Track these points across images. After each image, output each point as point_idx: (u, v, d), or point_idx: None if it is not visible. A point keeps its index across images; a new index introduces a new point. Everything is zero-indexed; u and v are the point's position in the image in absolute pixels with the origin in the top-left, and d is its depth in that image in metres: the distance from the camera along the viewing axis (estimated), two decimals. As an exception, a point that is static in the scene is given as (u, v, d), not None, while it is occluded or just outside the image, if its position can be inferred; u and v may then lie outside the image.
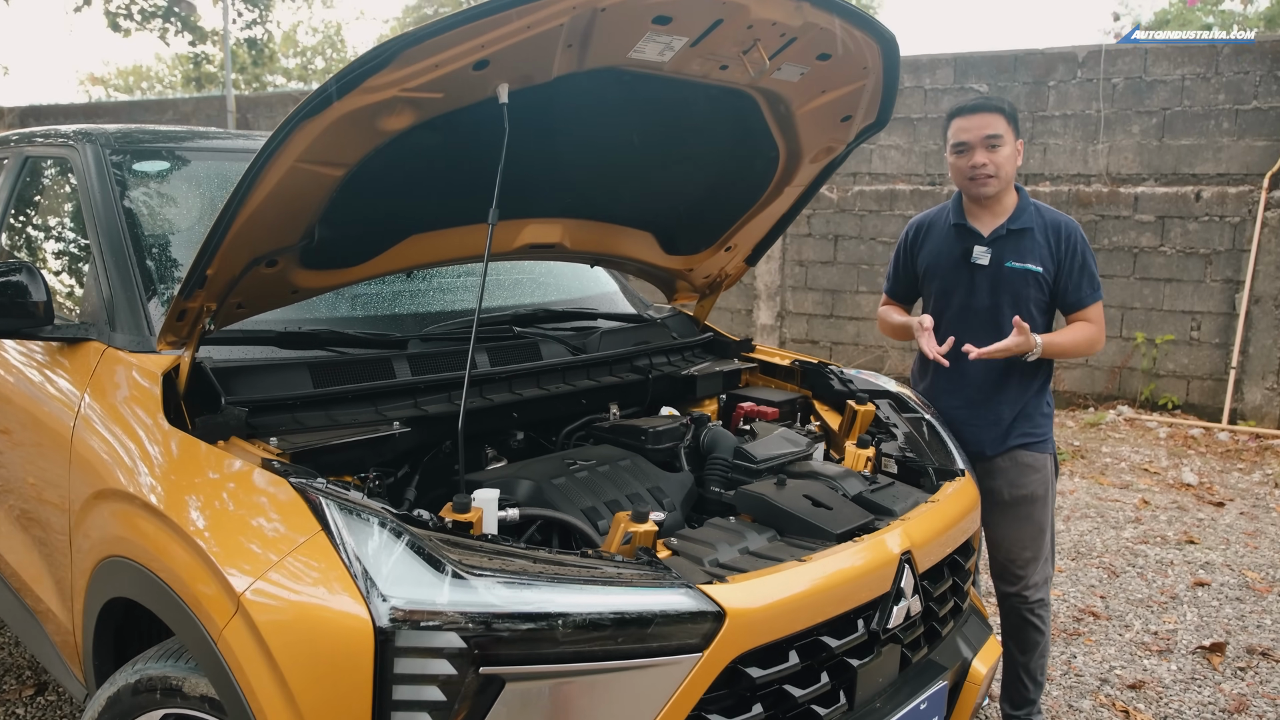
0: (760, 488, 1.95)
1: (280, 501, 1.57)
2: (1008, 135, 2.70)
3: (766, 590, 1.56)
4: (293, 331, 2.15)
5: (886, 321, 3.08)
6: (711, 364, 2.87)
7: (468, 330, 2.37)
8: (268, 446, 1.83)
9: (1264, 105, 6.85)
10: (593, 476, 2.10)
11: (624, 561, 1.58)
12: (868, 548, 1.75)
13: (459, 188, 1.97)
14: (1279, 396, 6.86)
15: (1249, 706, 3.12)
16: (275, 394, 1.97)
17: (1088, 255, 2.74)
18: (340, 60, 29.66)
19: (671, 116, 2.20)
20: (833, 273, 8.55)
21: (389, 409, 2.10)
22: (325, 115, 1.55)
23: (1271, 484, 5.72)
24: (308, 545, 1.48)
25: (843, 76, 2.20)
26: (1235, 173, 6.97)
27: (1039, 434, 2.85)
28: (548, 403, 2.39)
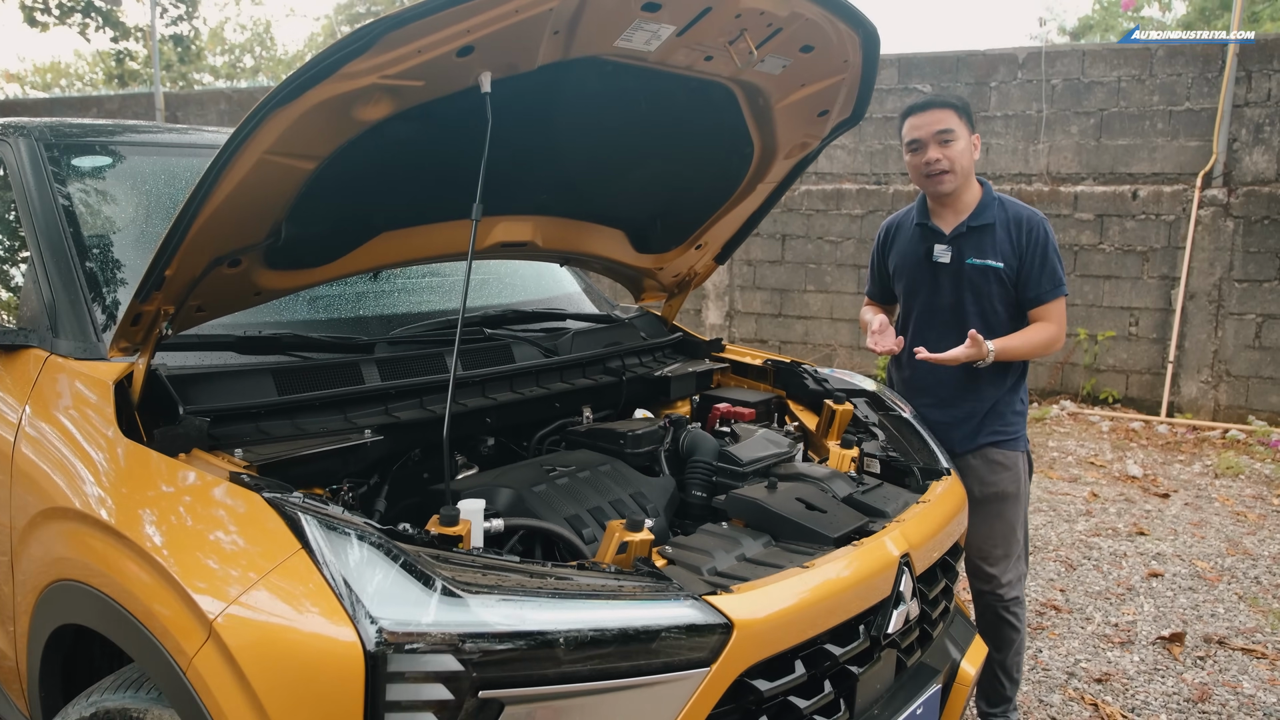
0: (752, 492, 1.89)
1: (253, 518, 1.46)
2: (960, 130, 2.69)
3: (772, 600, 1.50)
4: (253, 336, 2.03)
5: (864, 320, 3.06)
6: (683, 364, 2.81)
7: (437, 333, 2.29)
8: (232, 459, 1.71)
9: (1196, 106, 7.05)
10: (574, 483, 2.02)
11: (623, 573, 1.50)
12: (868, 551, 1.70)
13: (434, 183, 1.88)
14: (1213, 390, 7.07)
15: (1211, 695, 3.17)
16: (238, 402, 1.85)
17: (1050, 250, 2.72)
18: (270, 59, 28.95)
19: (649, 111, 2.14)
20: (780, 272, 8.57)
21: (359, 416, 2.00)
22: (298, 104, 1.45)
23: (1211, 475, 5.87)
24: (287, 565, 1.38)
25: (823, 69, 2.16)
26: (1170, 172, 7.16)
27: (1011, 432, 2.85)
28: (521, 407, 2.30)
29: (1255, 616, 3.83)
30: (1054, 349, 2.80)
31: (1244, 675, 3.33)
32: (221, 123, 10.78)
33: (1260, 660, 3.44)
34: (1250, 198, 6.83)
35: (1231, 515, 5.11)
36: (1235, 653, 3.50)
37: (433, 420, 2.08)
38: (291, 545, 1.39)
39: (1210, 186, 6.96)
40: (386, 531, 1.44)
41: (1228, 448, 6.45)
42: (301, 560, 1.38)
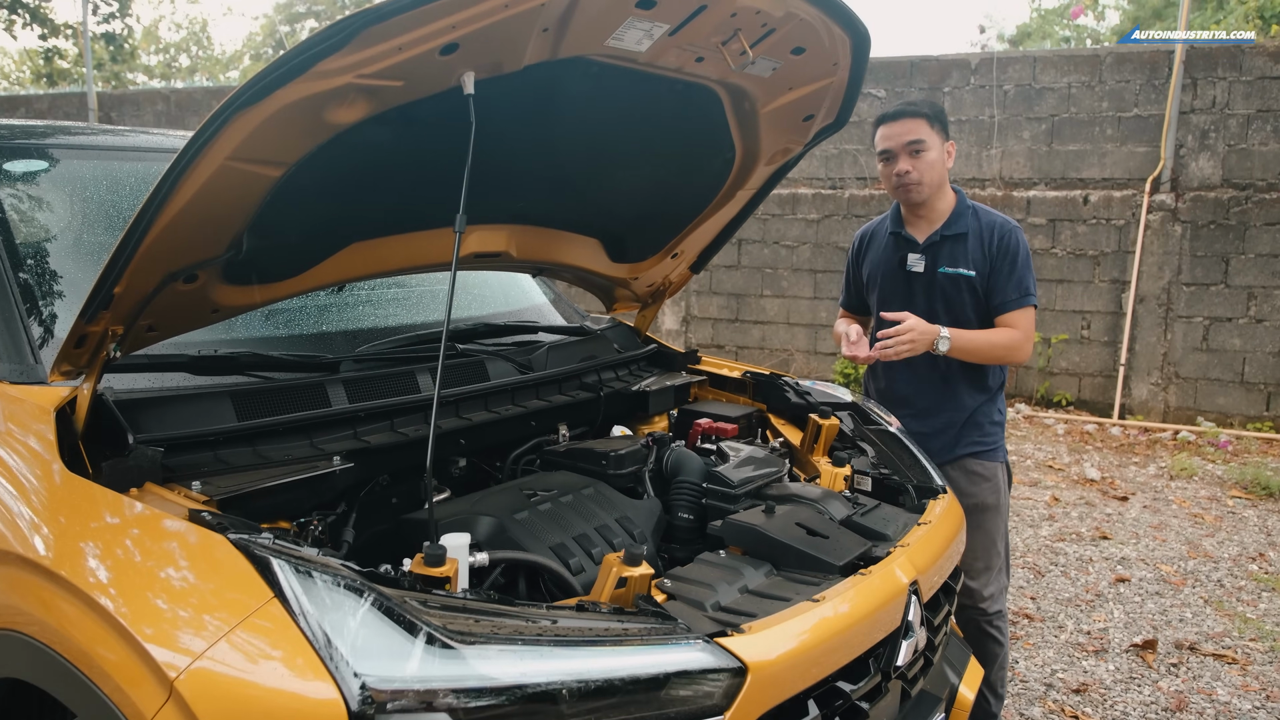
0: (749, 517, 1.79)
1: (217, 563, 1.32)
2: (932, 139, 2.65)
3: (787, 639, 1.40)
4: (208, 356, 1.87)
5: (837, 332, 3.00)
6: (660, 378, 2.71)
7: (407, 349, 2.15)
8: (189, 492, 1.57)
9: (1144, 113, 7.16)
10: (556, 508, 1.91)
11: (626, 613, 1.39)
12: (877, 581, 1.61)
13: (410, 190, 1.75)
14: (1163, 392, 7.18)
15: (1188, 704, 3.16)
16: (194, 429, 1.70)
17: (1020, 259, 2.68)
18: (208, 58, 28.21)
19: (632, 115, 2.04)
20: (736, 277, 8.52)
21: (326, 441, 1.86)
22: (266, 105, 1.31)
23: (1166, 476, 5.95)
24: (258, 616, 1.24)
25: (812, 73, 2.08)
26: (1119, 177, 7.27)
27: (989, 442, 2.81)
28: (497, 426, 2.18)
29: (1222, 620, 3.85)
30: (1017, 357, 2.73)
31: (1218, 682, 3.33)
32: (159, 124, 10.41)
33: (1232, 666, 3.45)
34: (1197, 203, 6.95)
35: (1189, 517, 5.17)
36: (1207, 658, 3.50)
37: (405, 444, 1.95)
38: (262, 593, 1.26)
39: (1158, 192, 7.07)
40: (368, 575, 1.31)
41: (1180, 449, 6.55)
42: (275, 610, 1.24)
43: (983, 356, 2.66)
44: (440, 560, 1.41)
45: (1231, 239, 6.87)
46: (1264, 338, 6.87)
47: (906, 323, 2.52)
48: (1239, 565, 4.48)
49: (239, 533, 1.35)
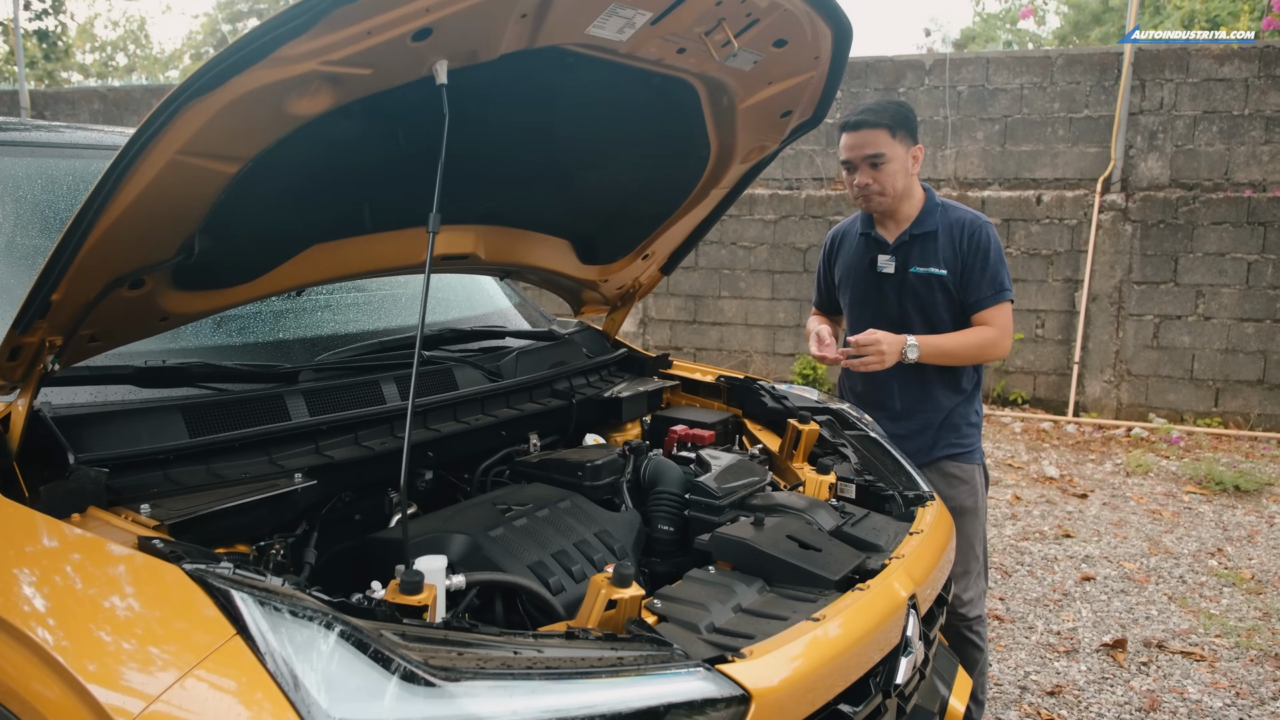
0: (738, 530, 1.71)
1: (172, 596, 1.20)
2: (894, 150, 2.59)
3: (790, 663, 1.32)
4: (155, 366, 1.74)
5: (809, 331, 2.94)
6: (632, 383, 2.62)
7: (369, 357, 2.04)
8: (138, 517, 1.44)
9: (1094, 114, 7.26)
10: (533, 524, 1.81)
11: (618, 640, 1.30)
12: (876, 596, 1.54)
13: (376, 188, 1.64)
14: (1115, 389, 7.28)
15: (1161, 703, 3.16)
16: (141, 447, 1.57)
17: (992, 254, 2.64)
18: (146, 57, 27.44)
19: (607, 110, 1.95)
20: (694, 278, 8.46)
21: (285, 457, 1.74)
22: (221, 93, 1.20)
23: (1123, 473, 6.01)
24: (219, 655, 1.13)
25: (792, 67, 2.01)
26: (1071, 177, 7.35)
27: (967, 444, 2.77)
28: (466, 437, 2.07)
29: (1187, 617, 3.87)
30: (995, 354, 2.70)
31: (1188, 680, 3.33)
32: (95, 123, 10.04)
33: (1200, 663, 3.46)
34: (1146, 202, 7.06)
35: (1148, 514, 5.22)
36: (1176, 656, 3.51)
37: (371, 458, 1.83)
38: (223, 630, 1.14)
39: (1109, 191, 7.17)
40: (338, 606, 1.20)
41: (1134, 446, 6.63)
42: (237, 648, 1.13)
43: (958, 359, 2.62)
44: (417, 587, 1.30)
45: (1180, 238, 6.98)
46: (1212, 335, 7.00)
47: (873, 335, 2.48)
48: (1199, 561, 4.52)
49: (195, 562, 1.24)
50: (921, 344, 2.52)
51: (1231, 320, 6.94)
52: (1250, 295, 6.88)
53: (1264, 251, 6.82)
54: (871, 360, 2.45)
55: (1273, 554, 4.64)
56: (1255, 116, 6.91)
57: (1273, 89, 6.86)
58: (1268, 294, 6.85)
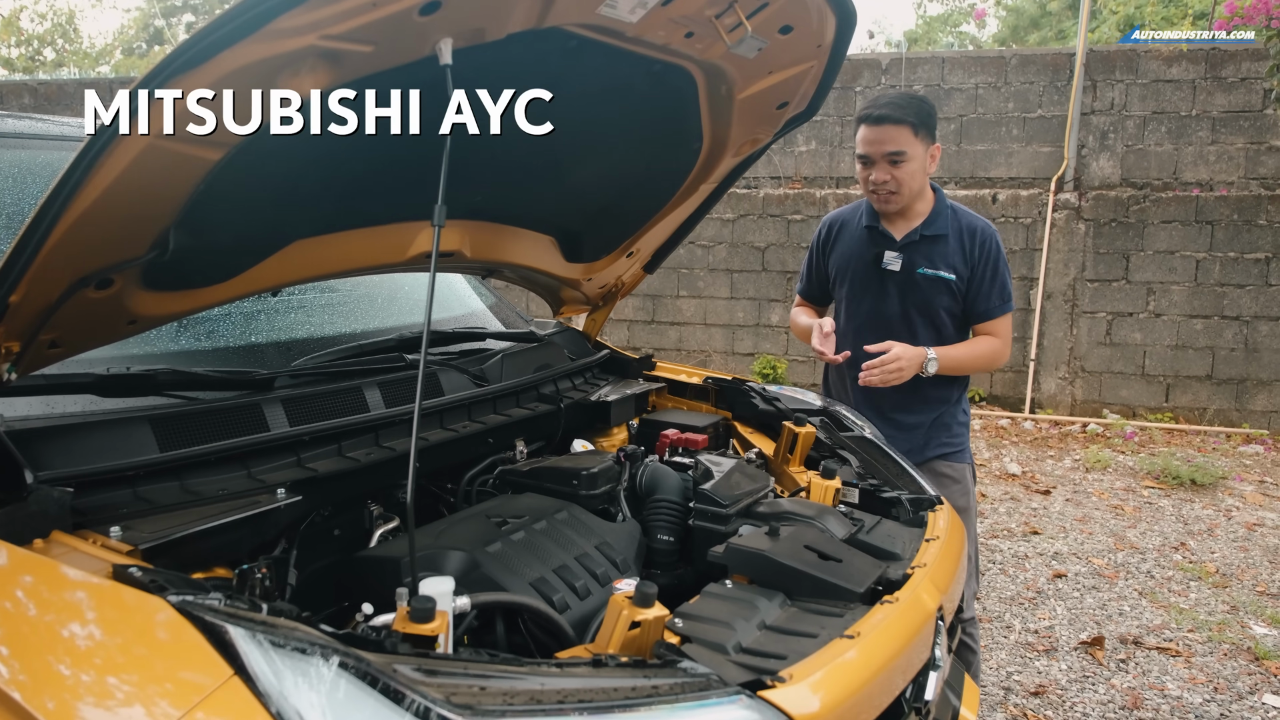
0: (754, 541, 1.62)
1: (157, 633, 1.07)
2: (914, 149, 2.54)
3: (831, 685, 1.23)
4: (118, 374, 1.59)
5: (797, 324, 2.87)
6: (618, 386, 2.52)
7: (349, 362, 1.91)
8: (108, 541, 1.30)
9: (1048, 114, 7.34)
10: (530, 537, 1.70)
11: (648, 666, 1.20)
12: (907, 609, 1.46)
13: (366, 180, 1.52)
14: (1070, 386, 7.37)
15: (1143, 700, 3.15)
16: (107, 463, 1.43)
17: (1001, 263, 2.63)
18: (76, 52, 26.52)
19: (603, 99, 1.84)
20: (652, 278, 8.35)
21: (265, 471, 1.61)
22: (208, 69, 1.07)
23: (1083, 469, 6.07)
24: (216, 699, 1.00)
25: (794, 55, 1.93)
26: (1025, 176, 7.43)
27: (957, 443, 2.73)
28: (454, 446, 1.95)
29: (1159, 613, 3.89)
30: (997, 364, 2.70)
31: (1166, 676, 3.34)
32: (24, 119, 9.60)
33: (1176, 659, 3.47)
34: (1099, 201, 7.16)
35: (1110, 509, 5.27)
36: (1152, 652, 3.52)
37: (357, 470, 1.71)
38: (219, 670, 1.02)
39: (1063, 191, 7.26)
40: (344, 638, 1.09)
41: (1090, 441, 6.72)
42: (235, 691, 1.00)
43: (967, 369, 2.60)
44: (429, 614, 1.19)
45: (1131, 236, 7.09)
46: (1162, 331, 7.12)
47: (893, 351, 2.43)
48: (1164, 555, 4.57)
49: (180, 592, 1.11)
50: (940, 357, 2.48)
51: (1181, 317, 7.07)
52: (1199, 292, 7.01)
53: (1211, 250, 6.96)
54: (891, 377, 2.40)
55: (1233, 547, 4.71)
56: (1202, 117, 7.05)
57: (1219, 90, 7.00)
58: (1215, 291, 6.99)
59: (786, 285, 7.79)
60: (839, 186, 7.81)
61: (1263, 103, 6.92)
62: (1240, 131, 6.99)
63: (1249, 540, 4.81)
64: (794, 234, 7.75)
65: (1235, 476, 5.87)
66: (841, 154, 7.80)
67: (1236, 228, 6.88)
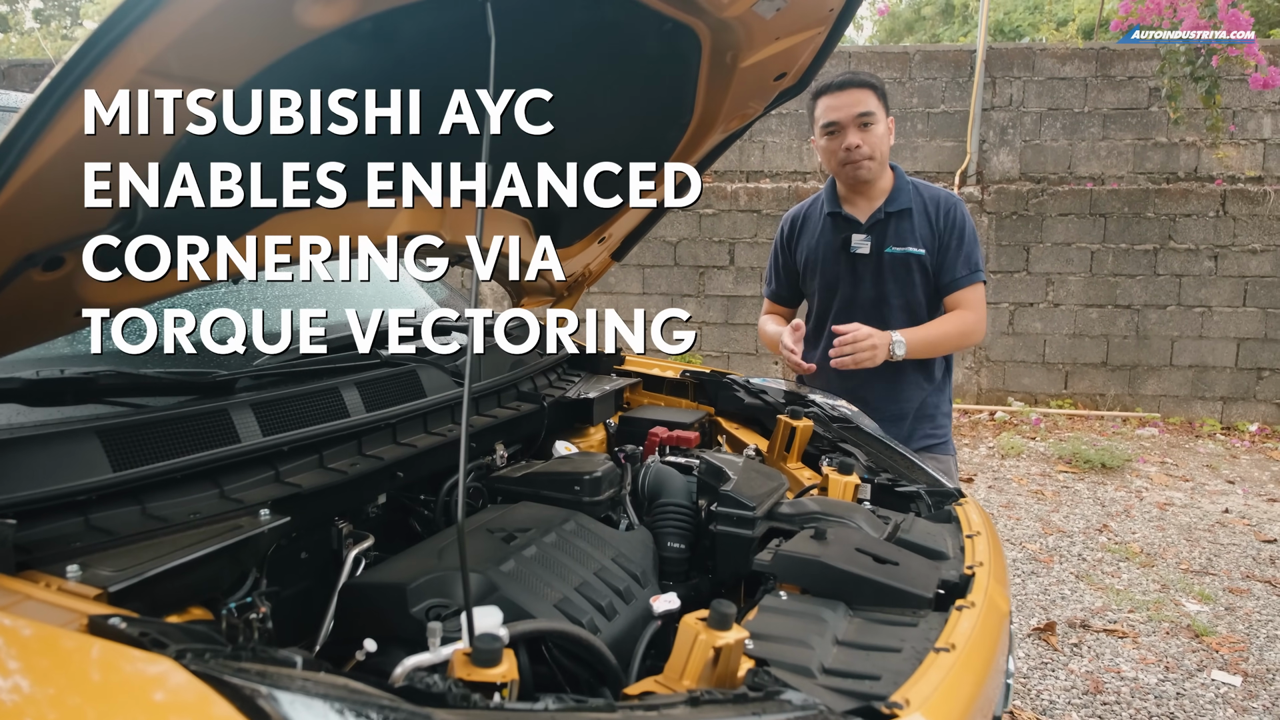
0: (804, 547, 1.47)
1: (163, 705, 0.84)
2: (880, 112, 2.50)
3: (946, 707, 1.09)
4: (50, 378, 1.32)
5: (765, 332, 2.76)
6: (593, 382, 2.34)
7: (319, 360, 1.67)
8: (65, 584, 1.05)
9: (950, 109, 7.49)
10: (543, 552, 1.51)
11: (753, 700, 1.03)
12: (985, 614, 1.34)
13: (364, 143, 1.29)
14: (976, 375, 7.54)
15: (1103, 684, 3.17)
16: (51, 486, 1.16)
17: (968, 232, 2.57)
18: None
19: (609, 61, 1.66)
20: (561, 274, 8.16)
21: (239, 489, 1.36)
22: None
23: (999, 456, 6.20)
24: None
25: (805, 19, 1.79)
26: (930, 170, 7.56)
27: (941, 435, 2.66)
28: (439, 451, 1.73)
29: (1098, 595, 3.95)
30: (973, 340, 2.64)
31: (1119, 658, 3.37)
32: None
33: (1124, 640, 3.52)
34: (1000, 195, 7.35)
35: (1032, 494, 5.37)
36: (1101, 635, 3.56)
37: (344, 484, 1.48)
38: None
39: (966, 184, 7.42)
40: (403, 693, 0.88)
41: (1000, 429, 6.88)
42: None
43: (940, 349, 2.51)
44: (496, 657, 0.99)
45: (1031, 229, 7.31)
46: (1061, 321, 7.37)
47: (860, 330, 2.34)
48: (1090, 538, 4.67)
49: (181, 645, 0.87)
50: (907, 338, 2.39)
51: (1078, 306, 7.33)
52: (1094, 283, 7.28)
53: (1105, 241, 7.24)
54: (864, 357, 2.30)
55: (1150, 527, 4.86)
56: (1094, 114, 7.32)
57: (1108, 88, 7.29)
58: (1109, 281, 7.27)
59: (699, 279, 7.71)
60: (749, 180, 7.78)
61: (1149, 100, 7.24)
62: (1129, 128, 7.29)
63: (1163, 519, 4.97)
64: (705, 228, 7.68)
65: (1139, 459, 6.10)
66: (751, 148, 7.77)
67: (1127, 220, 7.17)
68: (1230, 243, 7.06)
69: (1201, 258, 7.12)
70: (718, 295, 7.63)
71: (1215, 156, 7.08)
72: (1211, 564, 4.32)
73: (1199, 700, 3.06)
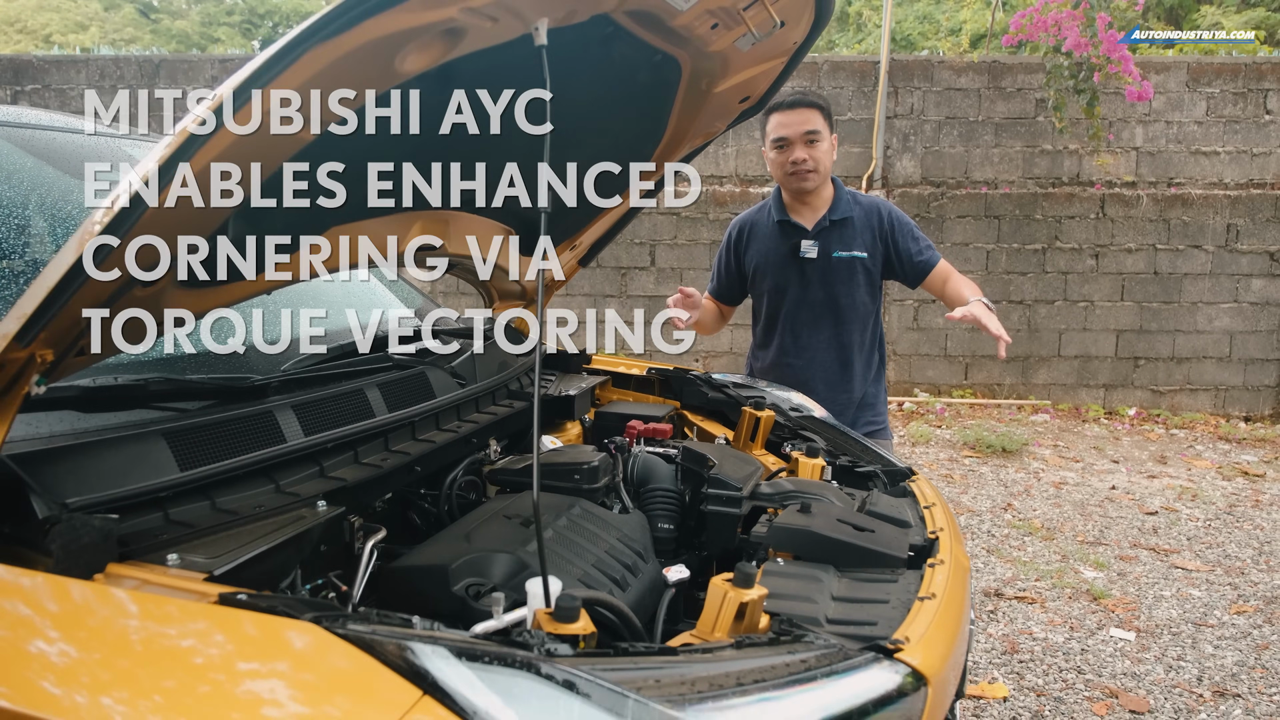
0: (795, 519, 1.67)
1: (319, 663, 0.97)
2: (824, 131, 2.74)
3: (937, 643, 1.30)
4: (105, 386, 1.41)
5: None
6: (568, 380, 2.50)
7: (342, 364, 1.79)
8: (170, 570, 1.16)
9: (856, 117, 7.87)
10: (559, 534, 1.67)
11: (784, 642, 1.22)
12: (954, 569, 1.56)
13: (423, 159, 1.43)
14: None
15: (1019, 646, 3.49)
16: (131, 485, 1.27)
17: (910, 224, 2.85)
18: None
19: (605, 85, 1.83)
20: (482, 277, 8.23)
21: (292, 483, 1.48)
22: (346, 39, 0.98)
23: (910, 443, 6.58)
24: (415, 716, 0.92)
25: (773, 49, 1.99)
26: (840, 174, 7.89)
27: (880, 421, 2.90)
28: (449, 448, 1.87)
29: (1007, 567, 4.30)
30: None
31: (1030, 621, 3.70)
32: None
33: (1033, 605, 3.86)
34: (904, 198, 7.77)
35: (942, 478, 5.75)
36: (1013, 601, 3.89)
37: (380, 477, 1.61)
38: (406, 693, 0.94)
39: (873, 188, 7.81)
40: (516, 644, 1.04)
41: (909, 419, 7.29)
42: (431, 711, 0.93)
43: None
44: (574, 614, 1.15)
45: (933, 230, 7.74)
46: (960, 316, 7.82)
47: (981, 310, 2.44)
48: (997, 516, 5.05)
49: (314, 612, 1.01)
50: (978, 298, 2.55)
51: (975, 302, 7.79)
52: (989, 280, 7.77)
53: (998, 241, 7.73)
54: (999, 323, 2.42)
55: (1048, 504, 5.27)
56: (987, 123, 7.81)
57: (999, 99, 7.79)
58: (1003, 278, 7.77)
59: (621, 280, 7.90)
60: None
61: (1036, 110, 7.76)
62: (1018, 136, 7.81)
63: (1059, 497, 5.40)
64: (626, 230, 7.85)
65: (1035, 443, 6.57)
66: (668, 152, 7.99)
67: (1018, 222, 7.68)
68: (1109, 242, 7.65)
69: (1084, 256, 7.68)
70: (639, 295, 7.83)
71: (1095, 163, 7.65)
72: (1103, 535, 4.74)
73: (1100, 654, 3.41)
